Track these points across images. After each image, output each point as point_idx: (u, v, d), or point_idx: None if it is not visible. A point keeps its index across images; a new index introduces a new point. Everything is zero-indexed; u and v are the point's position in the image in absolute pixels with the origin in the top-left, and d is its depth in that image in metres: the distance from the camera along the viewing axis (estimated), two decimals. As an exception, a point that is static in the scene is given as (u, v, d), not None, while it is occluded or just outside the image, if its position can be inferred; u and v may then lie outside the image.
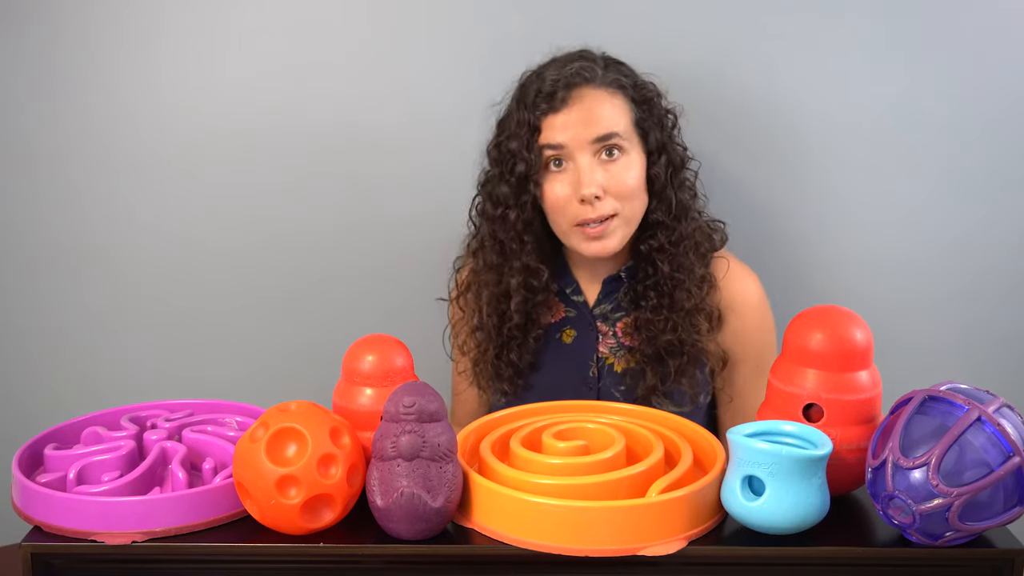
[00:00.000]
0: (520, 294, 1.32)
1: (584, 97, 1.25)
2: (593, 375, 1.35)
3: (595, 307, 1.37)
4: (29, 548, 0.92)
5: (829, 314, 0.97)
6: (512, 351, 1.35)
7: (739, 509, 0.91)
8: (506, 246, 1.32)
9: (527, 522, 0.90)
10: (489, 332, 1.35)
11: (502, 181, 1.29)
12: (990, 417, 0.86)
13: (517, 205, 1.28)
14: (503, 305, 1.34)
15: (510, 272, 1.32)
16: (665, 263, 1.30)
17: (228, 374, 1.61)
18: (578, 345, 1.36)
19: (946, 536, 0.87)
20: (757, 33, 1.47)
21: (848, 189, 1.52)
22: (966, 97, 1.47)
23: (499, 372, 1.36)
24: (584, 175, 1.23)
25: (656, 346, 1.30)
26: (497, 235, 1.32)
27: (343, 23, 1.50)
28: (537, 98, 1.25)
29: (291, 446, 0.92)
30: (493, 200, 1.31)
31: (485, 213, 1.34)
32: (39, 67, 1.51)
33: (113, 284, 1.59)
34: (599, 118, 1.24)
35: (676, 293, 1.30)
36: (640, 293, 1.32)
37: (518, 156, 1.26)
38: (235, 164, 1.55)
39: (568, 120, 1.24)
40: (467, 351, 1.40)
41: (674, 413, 1.27)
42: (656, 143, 1.29)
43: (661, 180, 1.29)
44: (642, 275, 1.33)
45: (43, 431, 1.07)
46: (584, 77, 1.25)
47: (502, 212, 1.30)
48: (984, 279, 1.53)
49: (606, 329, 1.36)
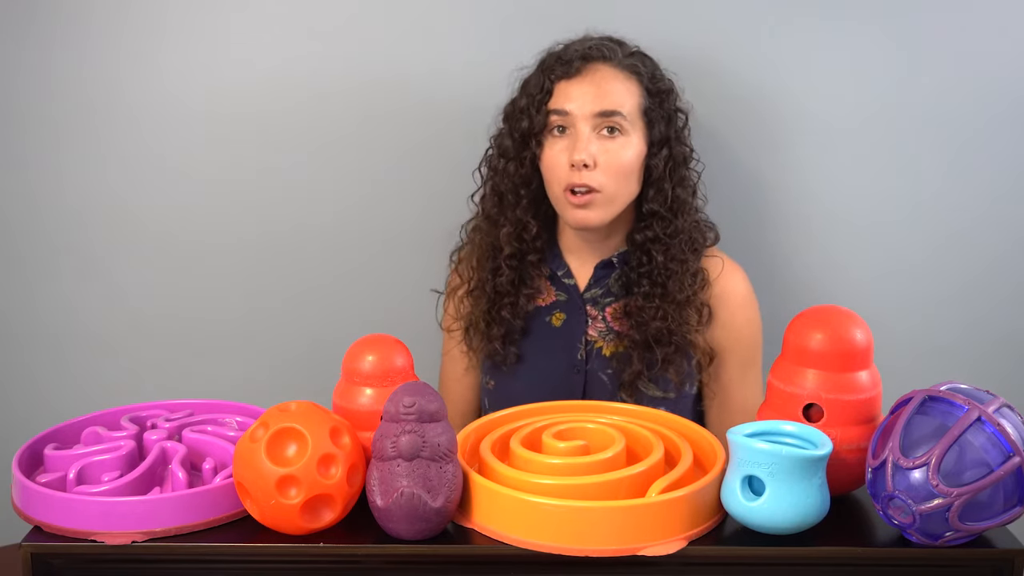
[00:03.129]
0: (511, 246, 1.36)
1: (598, 71, 1.30)
2: (581, 358, 1.37)
3: (586, 291, 1.39)
4: (29, 548, 0.92)
5: (829, 314, 0.98)
6: (504, 308, 1.37)
7: (739, 509, 0.91)
8: (504, 198, 1.36)
9: (527, 522, 0.90)
10: (483, 287, 1.39)
11: (509, 135, 1.35)
12: (990, 417, 0.86)
13: (517, 159, 1.34)
14: (497, 260, 1.38)
15: (503, 222, 1.36)
16: (660, 254, 1.33)
17: (228, 374, 1.61)
18: (567, 328, 1.38)
19: (946, 536, 0.87)
20: (759, 33, 1.47)
21: (848, 189, 1.52)
22: (967, 97, 1.47)
23: (490, 332, 1.38)
24: (580, 142, 1.28)
25: (645, 333, 1.33)
26: (497, 187, 1.37)
27: (344, 22, 1.50)
28: (556, 63, 1.31)
29: (291, 446, 0.92)
30: (499, 151, 1.37)
31: (490, 164, 1.39)
32: (39, 66, 1.51)
33: (113, 284, 1.59)
34: (607, 94, 1.28)
35: (669, 283, 1.33)
36: (633, 280, 1.35)
37: (525, 113, 1.32)
38: (235, 164, 1.54)
39: (578, 90, 1.29)
40: (462, 313, 1.43)
41: (659, 399, 1.30)
42: (660, 135, 1.32)
43: (659, 171, 1.32)
44: (635, 263, 1.36)
45: (43, 431, 1.07)
46: (603, 54, 1.31)
47: (504, 164, 1.36)
48: (984, 279, 1.53)
49: (595, 313, 1.38)
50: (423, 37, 1.50)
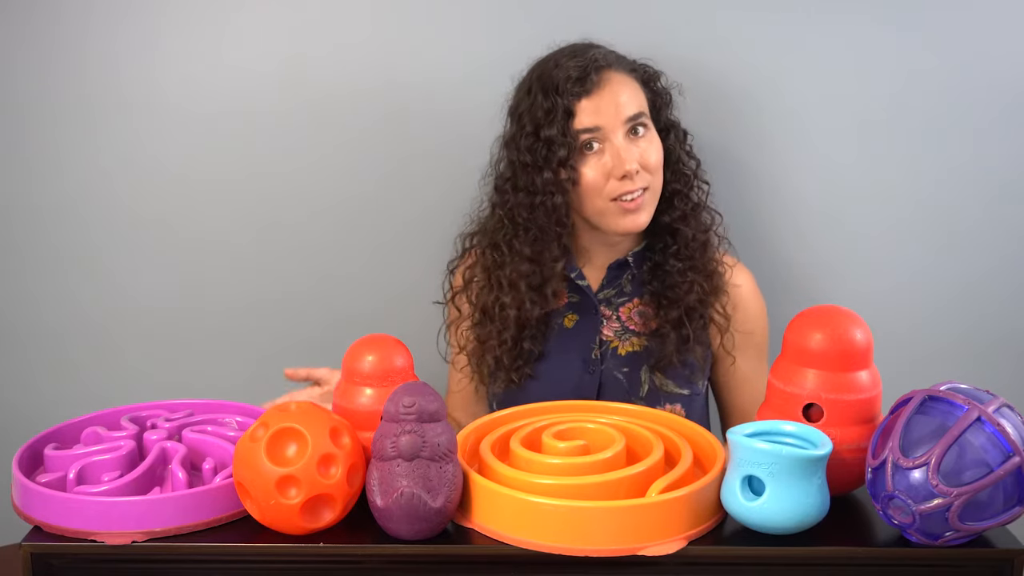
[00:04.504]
0: (559, 279, 1.34)
1: (611, 80, 1.30)
2: (596, 357, 1.37)
3: (599, 292, 1.39)
4: (29, 548, 0.92)
5: (829, 314, 0.98)
6: (527, 340, 1.37)
7: (739, 509, 0.91)
8: (547, 232, 1.32)
9: (527, 522, 0.90)
10: (506, 322, 1.35)
11: (540, 169, 1.30)
12: (990, 417, 0.86)
13: (560, 191, 1.30)
14: (531, 294, 1.34)
15: (551, 257, 1.33)
16: (688, 228, 1.35)
17: (228, 374, 1.61)
18: (579, 329, 1.39)
19: (946, 536, 0.87)
20: (756, 32, 1.47)
21: (848, 189, 1.52)
22: (967, 96, 1.47)
23: (512, 363, 1.36)
24: (623, 152, 1.28)
25: (680, 309, 1.33)
26: (537, 222, 1.32)
27: (344, 22, 1.50)
28: (568, 83, 1.28)
29: (291, 446, 0.92)
30: (529, 190, 1.32)
31: (517, 205, 1.33)
32: (38, 66, 1.51)
33: (113, 284, 1.59)
34: (628, 100, 1.30)
35: (698, 255, 1.35)
36: (660, 263, 1.36)
37: (556, 142, 1.28)
38: (234, 164, 1.54)
39: (600, 104, 1.29)
40: (466, 347, 1.41)
41: (675, 396, 1.33)
42: (665, 120, 1.36)
43: (676, 152, 1.36)
44: (660, 246, 1.37)
45: (43, 431, 1.07)
46: (607, 62, 1.31)
47: (542, 200, 1.31)
48: (984, 279, 1.53)
49: (609, 314, 1.39)
50: (426, 38, 1.50)
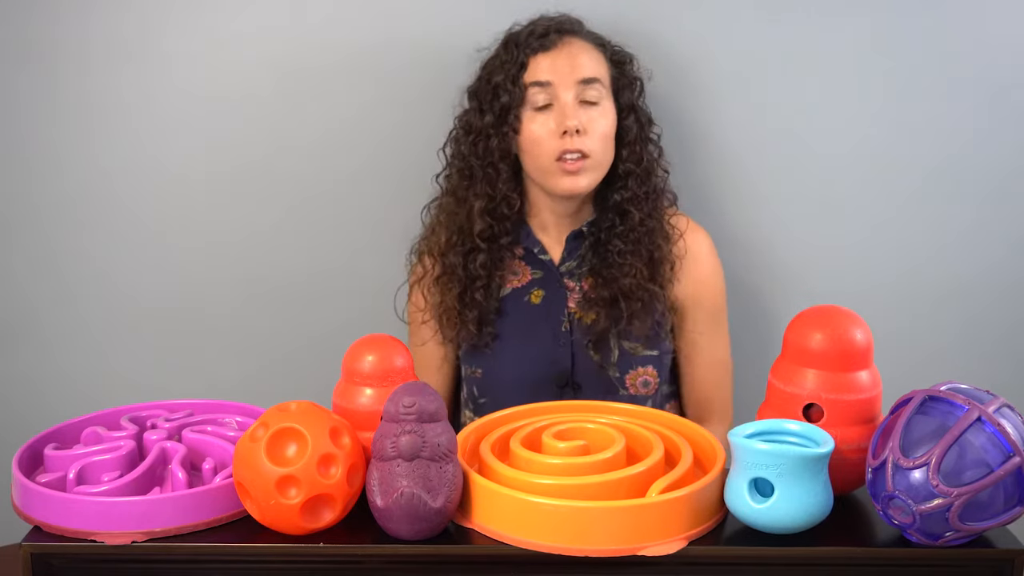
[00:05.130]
0: (484, 221, 1.37)
1: (572, 44, 1.35)
2: (565, 330, 1.39)
3: (561, 264, 1.42)
4: (29, 548, 0.92)
5: (829, 314, 0.98)
6: (477, 291, 1.38)
7: (748, 512, 0.90)
8: (476, 173, 1.37)
9: (527, 522, 0.90)
10: (453, 272, 1.39)
11: (483, 112, 1.36)
12: (990, 417, 0.86)
13: (497, 134, 1.35)
14: (468, 242, 1.38)
15: (475, 197, 1.37)
16: (638, 211, 1.37)
17: (228, 374, 1.61)
18: (547, 304, 1.41)
19: (946, 536, 0.87)
20: (753, 32, 1.47)
21: (847, 189, 1.52)
22: (965, 96, 1.47)
23: (464, 316, 1.39)
24: (568, 109, 1.31)
25: (615, 289, 1.36)
26: (468, 166, 1.38)
27: (345, 22, 1.50)
28: (529, 38, 1.34)
29: (291, 446, 0.92)
30: (467, 130, 1.38)
31: (456, 144, 1.40)
32: (38, 66, 1.51)
33: (112, 283, 1.59)
34: (585, 63, 1.34)
35: (646, 240, 1.37)
36: (604, 240, 1.38)
37: (502, 88, 1.34)
38: (234, 164, 1.54)
39: (556, 61, 1.33)
40: (430, 303, 1.43)
41: (642, 356, 1.36)
42: (627, 102, 1.39)
43: (633, 133, 1.39)
44: (607, 224, 1.39)
45: (43, 431, 1.07)
46: (573, 28, 1.37)
47: (480, 140, 1.36)
48: (983, 279, 1.53)
49: (573, 285, 1.41)
50: (415, 36, 1.50)
